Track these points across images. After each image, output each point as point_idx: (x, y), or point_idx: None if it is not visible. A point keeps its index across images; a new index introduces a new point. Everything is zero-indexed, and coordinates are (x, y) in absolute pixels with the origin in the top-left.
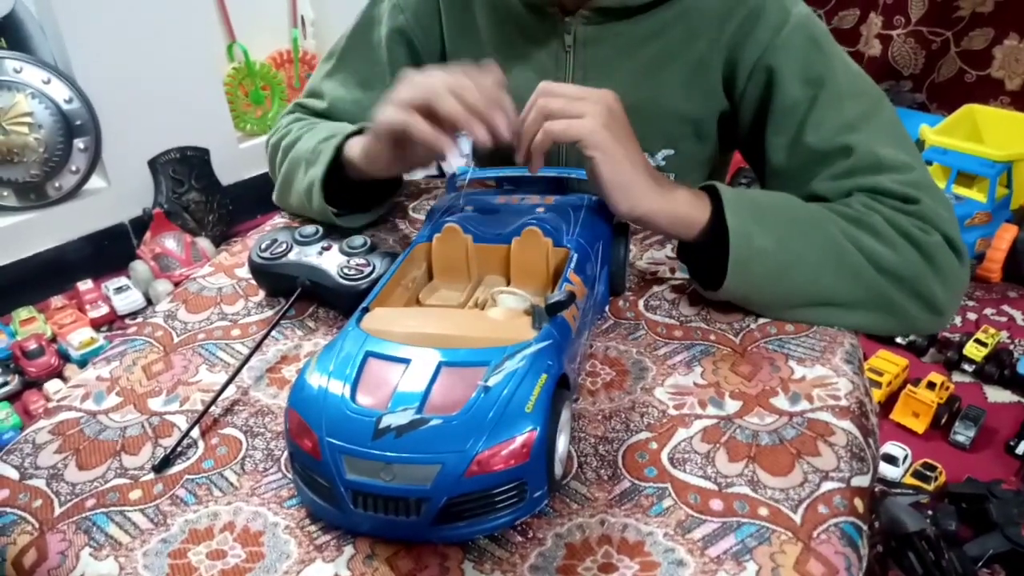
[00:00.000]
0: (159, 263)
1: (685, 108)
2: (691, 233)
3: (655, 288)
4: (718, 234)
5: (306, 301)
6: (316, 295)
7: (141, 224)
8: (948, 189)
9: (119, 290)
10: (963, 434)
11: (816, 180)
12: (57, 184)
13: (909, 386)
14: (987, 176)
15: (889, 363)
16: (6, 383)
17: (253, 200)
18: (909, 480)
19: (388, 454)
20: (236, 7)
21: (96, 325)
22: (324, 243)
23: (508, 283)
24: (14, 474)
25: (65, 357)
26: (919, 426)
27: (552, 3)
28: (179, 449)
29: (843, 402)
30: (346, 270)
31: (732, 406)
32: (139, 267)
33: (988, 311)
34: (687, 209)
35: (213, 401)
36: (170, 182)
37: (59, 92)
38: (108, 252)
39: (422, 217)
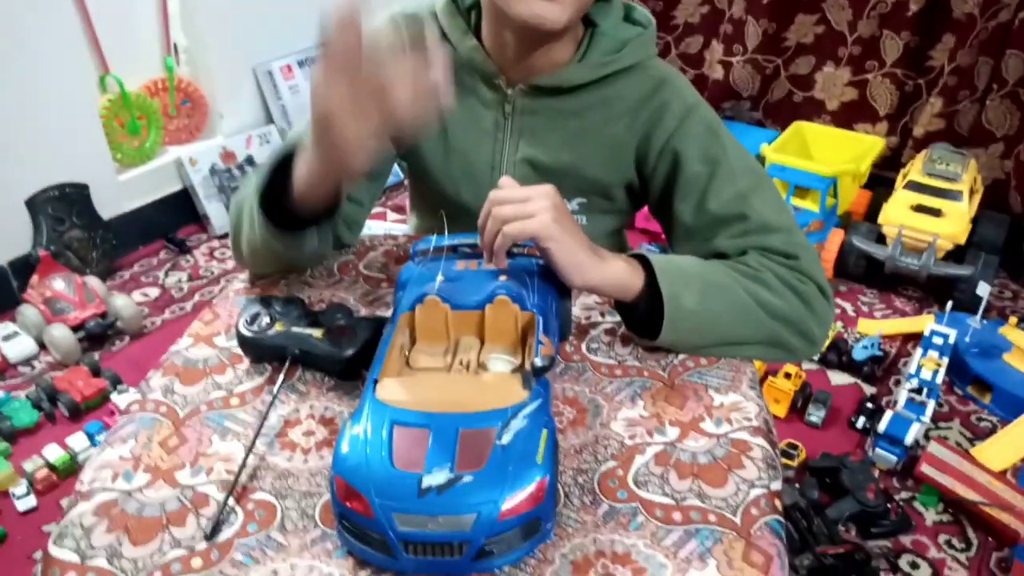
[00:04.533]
0: (50, 307)
1: (599, 175)
2: (628, 296)
3: (592, 332)
4: (651, 295)
5: (292, 367)
6: (302, 361)
7: (21, 266)
8: (788, 200)
9: (7, 338)
10: (815, 415)
11: (718, 239)
12: None
13: (770, 377)
14: (818, 189)
15: None
16: None
17: (136, 232)
18: None
19: (433, 508)
20: (108, 38)
21: None
22: (304, 312)
23: (482, 344)
24: (75, 558)
25: None
26: (780, 411)
27: (499, 76)
28: (221, 517)
29: (755, 422)
30: (333, 338)
31: (672, 432)
32: (28, 312)
33: None
34: (626, 277)
35: (240, 472)
36: (50, 221)
37: None
38: None
39: (375, 274)
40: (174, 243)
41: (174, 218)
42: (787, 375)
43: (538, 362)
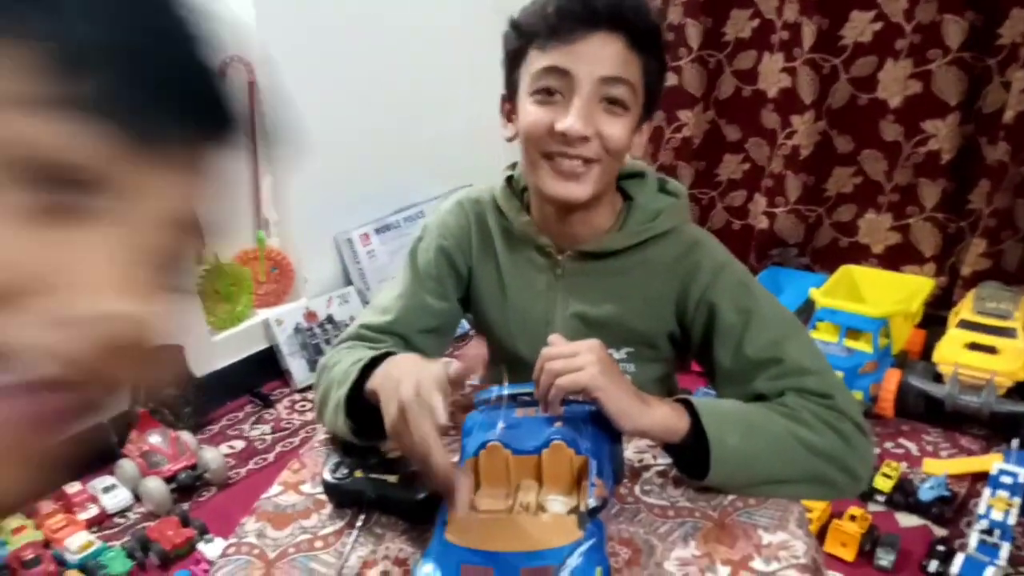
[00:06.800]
0: (147, 460)
1: (643, 326)
2: (675, 439)
3: (644, 474)
4: (697, 437)
5: (370, 510)
6: (379, 505)
7: (121, 423)
8: (840, 343)
9: (107, 489)
10: (885, 559)
11: (756, 382)
12: None
13: (835, 520)
14: (870, 331)
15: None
16: None
17: (224, 388)
18: None
19: None
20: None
21: (88, 526)
22: (381, 459)
23: (540, 486)
24: None
25: (61, 562)
26: (848, 555)
27: (549, 245)
28: None
29: (803, 560)
30: (407, 483)
31: (723, 572)
32: (126, 465)
33: (888, 444)
34: (672, 421)
35: None
36: None
37: None
38: (91, 452)
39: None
40: (259, 397)
41: (259, 374)
42: (852, 517)
43: (591, 502)
